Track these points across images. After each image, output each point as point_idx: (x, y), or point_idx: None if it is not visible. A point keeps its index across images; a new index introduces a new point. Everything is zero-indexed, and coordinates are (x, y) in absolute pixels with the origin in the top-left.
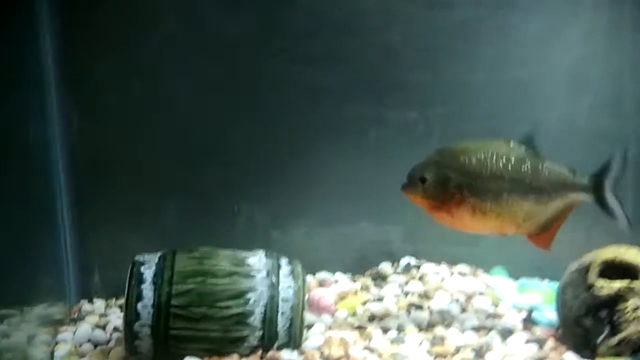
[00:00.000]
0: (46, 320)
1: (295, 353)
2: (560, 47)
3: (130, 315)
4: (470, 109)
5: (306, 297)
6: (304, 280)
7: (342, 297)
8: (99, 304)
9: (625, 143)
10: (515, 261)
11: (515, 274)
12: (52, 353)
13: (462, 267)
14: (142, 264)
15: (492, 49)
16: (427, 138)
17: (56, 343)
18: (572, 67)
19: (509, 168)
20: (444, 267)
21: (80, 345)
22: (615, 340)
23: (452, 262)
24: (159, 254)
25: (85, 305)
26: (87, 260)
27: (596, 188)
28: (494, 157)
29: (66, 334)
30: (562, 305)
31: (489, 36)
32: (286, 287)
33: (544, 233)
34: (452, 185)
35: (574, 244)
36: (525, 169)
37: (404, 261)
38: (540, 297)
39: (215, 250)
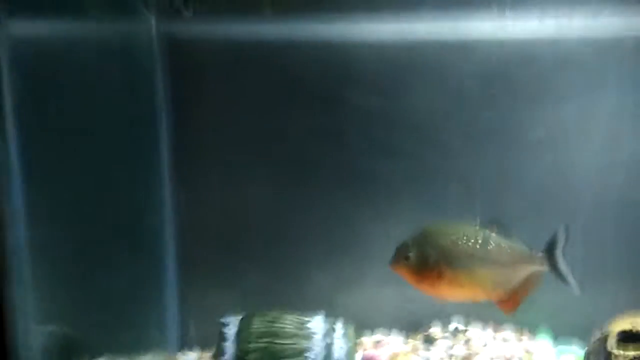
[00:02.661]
0: None
1: None
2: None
3: None
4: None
5: (359, 355)
6: (354, 342)
7: (392, 358)
8: (194, 355)
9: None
10: (561, 322)
11: (561, 334)
12: None
13: (507, 333)
14: (225, 325)
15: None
16: (473, 213)
17: None
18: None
19: (477, 247)
20: (489, 332)
21: None
22: None
23: (501, 322)
24: (239, 317)
25: (182, 357)
26: (185, 318)
27: (549, 260)
28: (465, 239)
29: None
30: None
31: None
32: (339, 347)
33: (511, 300)
34: (431, 261)
35: (618, 309)
36: (491, 248)
37: (452, 325)
38: None
39: (283, 314)
